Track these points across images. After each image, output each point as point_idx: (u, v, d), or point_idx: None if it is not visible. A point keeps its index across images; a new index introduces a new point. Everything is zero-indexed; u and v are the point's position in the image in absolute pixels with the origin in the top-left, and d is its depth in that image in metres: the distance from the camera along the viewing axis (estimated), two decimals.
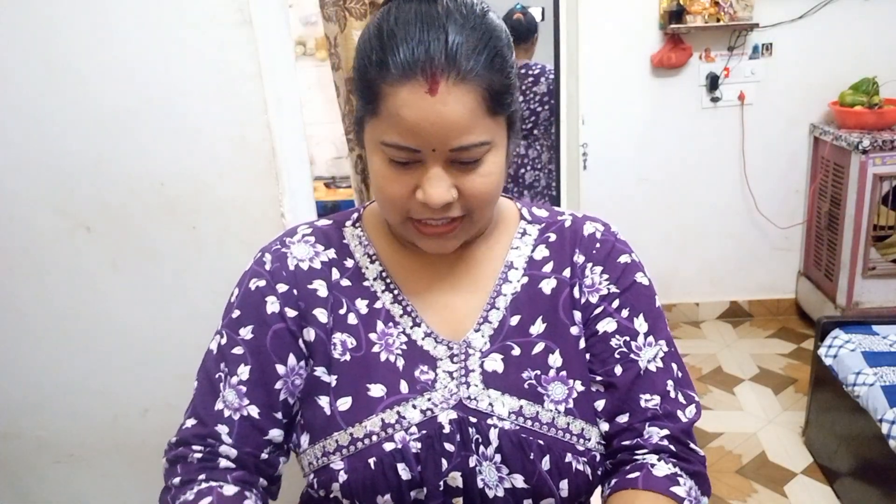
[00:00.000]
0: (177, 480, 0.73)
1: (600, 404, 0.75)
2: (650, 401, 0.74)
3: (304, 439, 0.74)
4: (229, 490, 0.71)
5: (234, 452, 0.73)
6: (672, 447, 0.73)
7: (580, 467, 0.71)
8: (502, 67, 0.66)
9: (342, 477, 0.70)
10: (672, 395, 0.75)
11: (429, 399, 0.72)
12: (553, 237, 0.82)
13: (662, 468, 0.71)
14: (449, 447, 0.70)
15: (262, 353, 0.74)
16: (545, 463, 0.70)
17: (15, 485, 1.37)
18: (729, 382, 2.83)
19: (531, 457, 0.69)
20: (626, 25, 3.02)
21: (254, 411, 0.73)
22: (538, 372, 0.74)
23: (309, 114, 3.23)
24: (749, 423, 2.55)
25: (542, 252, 0.80)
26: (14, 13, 1.08)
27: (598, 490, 0.77)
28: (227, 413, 0.73)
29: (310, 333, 0.75)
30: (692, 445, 0.75)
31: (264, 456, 0.75)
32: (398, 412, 0.71)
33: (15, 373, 1.28)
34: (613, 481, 0.73)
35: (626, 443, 0.74)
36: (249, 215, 1.19)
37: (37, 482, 1.37)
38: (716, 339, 3.21)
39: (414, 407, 0.71)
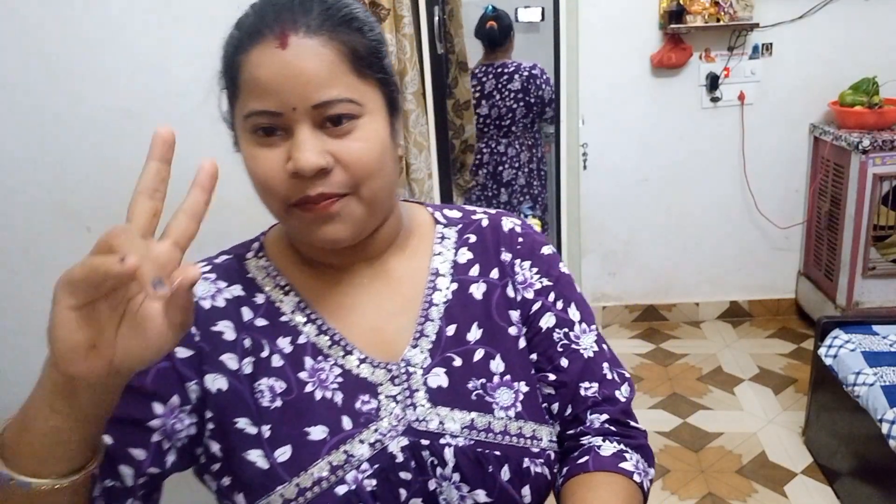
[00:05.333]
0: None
1: (554, 408, 0.75)
2: (589, 388, 0.75)
3: (240, 499, 0.66)
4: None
5: None
6: (613, 428, 0.74)
7: (538, 470, 0.70)
8: (362, 30, 0.64)
9: None
10: (609, 376, 0.76)
11: (375, 430, 0.67)
12: (473, 238, 0.79)
13: (608, 447, 0.73)
14: (405, 476, 0.66)
15: (138, 391, 0.64)
16: (504, 473, 0.68)
17: None
18: (729, 382, 2.83)
19: (490, 470, 0.67)
20: (626, 25, 3.01)
21: (108, 440, 0.62)
22: (483, 380, 0.71)
23: None
24: (749, 423, 2.55)
25: (465, 255, 0.77)
26: (14, 13, 1.08)
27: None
28: None
29: (218, 381, 0.67)
30: (632, 423, 0.76)
31: (108, 482, 0.63)
32: (345, 451, 0.66)
33: (15, 373, 1.28)
34: (564, 469, 0.74)
35: (571, 432, 0.75)
36: (249, 215, 1.19)
37: None
38: (716, 339, 3.21)
39: (361, 442, 0.66)
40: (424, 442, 0.67)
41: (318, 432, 0.66)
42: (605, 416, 0.74)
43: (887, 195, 2.73)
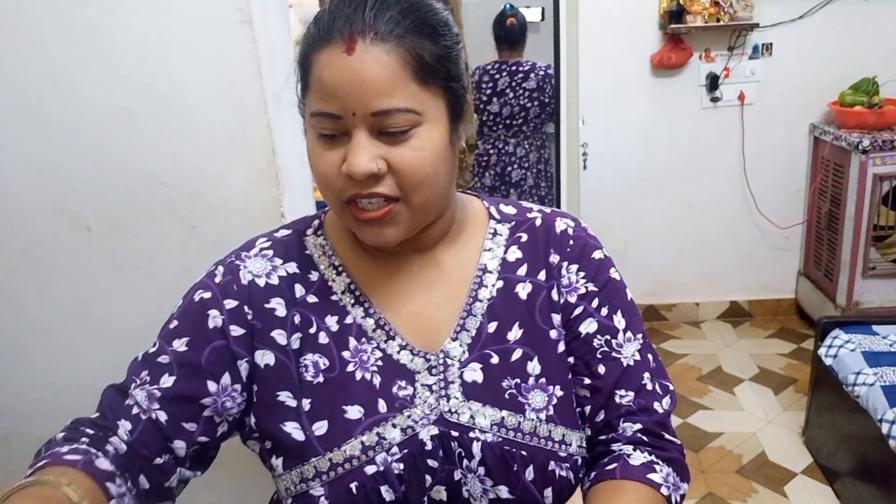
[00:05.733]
0: (60, 436, 0.68)
1: (586, 410, 0.75)
2: (625, 397, 0.74)
3: (278, 463, 0.70)
4: (102, 464, 0.64)
5: (124, 448, 0.67)
6: (646, 438, 0.74)
7: (563, 473, 0.71)
8: (433, 36, 0.64)
9: (323, 502, 0.67)
10: (648, 387, 0.76)
11: (409, 416, 0.70)
12: (525, 237, 0.79)
13: (638, 457, 0.72)
14: (432, 463, 0.69)
15: (194, 367, 0.69)
16: (529, 473, 0.69)
17: (15, 485, 1.37)
18: (729, 382, 2.83)
19: (514, 468, 0.69)
20: (626, 25, 3.02)
21: (162, 416, 0.68)
22: (518, 380, 0.72)
23: None
24: (749, 423, 2.55)
25: (514, 253, 0.78)
26: (13, 13, 1.08)
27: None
28: (135, 411, 0.68)
29: (266, 357, 0.71)
30: (668, 436, 0.75)
31: (158, 461, 0.68)
32: (378, 433, 0.68)
33: (15, 373, 1.28)
34: (592, 474, 0.74)
35: (602, 437, 0.75)
36: (249, 215, 1.19)
37: None
38: (716, 339, 3.21)
39: (394, 426, 0.69)
40: (454, 433, 0.69)
41: (354, 412, 0.69)
42: (638, 426, 0.74)
43: (887, 195, 2.73)
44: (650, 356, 0.78)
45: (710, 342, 3.19)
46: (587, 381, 0.75)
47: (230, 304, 0.71)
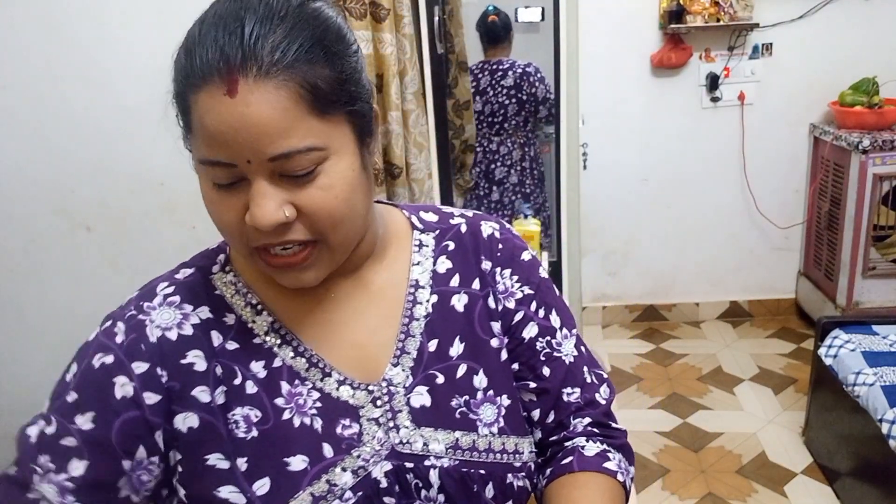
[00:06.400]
0: None
1: (535, 414, 0.74)
2: (572, 394, 0.74)
3: None
4: None
5: None
6: (596, 430, 0.75)
7: (520, 483, 0.70)
8: (328, 57, 0.57)
9: None
10: (589, 380, 0.76)
11: (358, 456, 0.64)
12: (452, 245, 0.75)
13: (592, 448, 0.73)
14: (389, 501, 0.64)
15: (104, 447, 0.60)
16: (489, 490, 0.67)
17: None
18: (729, 382, 2.83)
19: (475, 489, 0.66)
20: (626, 25, 3.02)
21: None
22: (466, 397, 0.69)
23: None
24: (749, 423, 2.55)
25: (444, 264, 0.74)
26: (14, 14, 1.08)
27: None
28: None
29: (189, 420, 0.62)
30: (614, 425, 0.77)
31: None
32: (327, 480, 0.63)
33: (15, 373, 1.28)
34: (548, 471, 0.73)
35: (554, 438, 0.75)
36: None
37: None
38: (716, 339, 3.21)
39: (344, 470, 0.63)
40: (409, 465, 0.65)
41: (297, 462, 0.63)
42: (588, 419, 0.75)
43: (887, 195, 2.73)
44: (583, 348, 0.78)
45: (710, 342, 3.19)
46: (533, 384, 0.74)
47: (140, 367, 0.62)
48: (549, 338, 0.75)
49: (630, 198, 3.25)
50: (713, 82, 3.04)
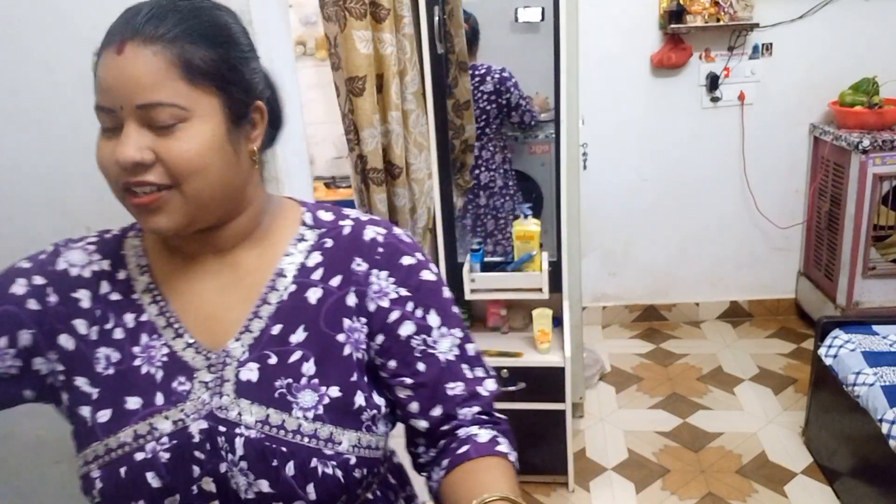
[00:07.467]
0: None
1: (414, 406, 0.80)
2: (455, 388, 0.80)
3: (74, 444, 0.77)
4: None
5: None
6: (484, 417, 0.81)
7: (328, 471, 0.74)
8: (207, 43, 0.70)
9: (98, 485, 0.73)
10: (470, 375, 0.82)
11: (181, 410, 0.74)
12: (329, 243, 0.82)
13: (484, 434, 0.79)
14: (199, 455, 0.73)
15: None
16: (289, 469, 0.72)
17: (15, 484, 1.37)
18: (729, 382, 2.83)
19: (274, 463, 0.72)
20: (626, 25, 3.02)
21: None
22: (290, 380, 0.75)
23: (309, 114, 3.23)
24: (749, 423, 2.55)
25: (315, 259, 0.81)
26: (13, 12, 1.08)
27: (423, 478, 0.84)
28: None
29: (69, 343, 0.77)
30: (496, 414, 0.84)
31: None
32: (150, 423, 0.73)
33: None
34: (445, 461, 0.78)
35: (446, 428, 0.80)
36: None
37: (37, 482, 1.37)
38: (716, 339, 3.21)
39: (166, 418, 0.74)
40: (221, 428, 0.73)
41: (133, 402, 0.75)
42: (476, 409, 0.81)
43: (887, 195, 2.73)
44: (468, 347, 0.83)
45: (710, 342, 3.19)
46: (409, 380, 0.79)
47: (38, 280, 0.78)
48: (424, 336, 0.80)
49: (630, 198, 3.25)
50: (713, 82, 3.04)
